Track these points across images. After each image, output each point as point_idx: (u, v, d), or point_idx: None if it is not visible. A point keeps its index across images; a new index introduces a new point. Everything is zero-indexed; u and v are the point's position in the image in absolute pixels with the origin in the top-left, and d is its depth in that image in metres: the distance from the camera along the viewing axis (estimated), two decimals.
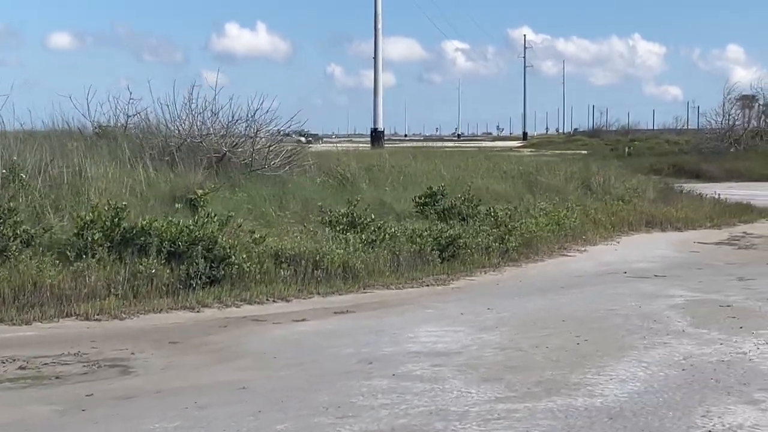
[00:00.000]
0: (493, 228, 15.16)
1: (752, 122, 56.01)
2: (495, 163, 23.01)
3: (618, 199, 21.15)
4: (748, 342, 8.59)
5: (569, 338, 8.82)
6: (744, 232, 20.21)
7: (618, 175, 23.42)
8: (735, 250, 17.24)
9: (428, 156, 24.61)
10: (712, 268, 14.48)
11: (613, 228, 19.14)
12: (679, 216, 21.07)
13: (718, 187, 36.30)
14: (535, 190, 20.86)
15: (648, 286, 12.32)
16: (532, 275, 13.69)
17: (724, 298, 11.19)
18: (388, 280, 12.43)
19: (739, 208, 24.10)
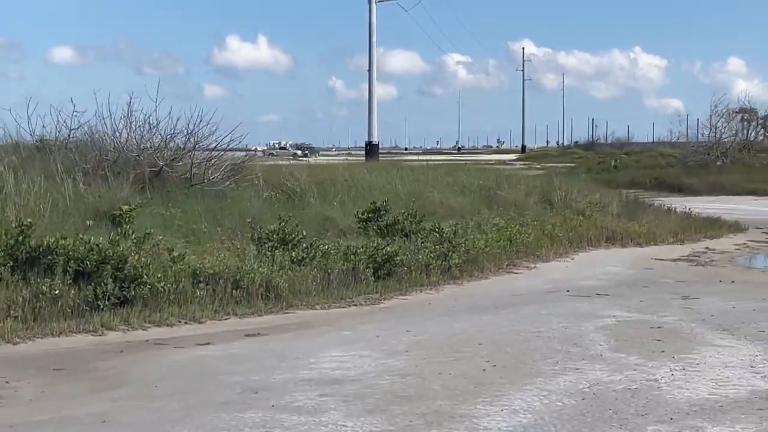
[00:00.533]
0: (437, 244, 14.77)
1: (739, 135, 55.82)
2: (456, 177, 22.63)
3: (579, 214, 20.78)
4: (664, 367, 8.23)
5: (478, 363, 8.44)
6: (707, 248, 19.85)
7: (581, 189, 23.03)
8: (691, 267, 16.88)
9: (386, 169, 24.24)
10: (660, 286, 14.11)
11: (570, 244, 18.78)
12: (641, 231, 20.73)
13: (699, 201, 36.20)
14: (494, 205, 20.49)
15: (585, 305, 11.95)
16: (470, 294, 13.31)
17: (659, 319, 10.84)
18: (314, 299, 12.04)
19: (708, 223, 23.79)
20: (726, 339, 9.63)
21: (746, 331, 10.02)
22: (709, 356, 8.75)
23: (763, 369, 8.22)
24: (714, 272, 16.11)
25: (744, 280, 15.12)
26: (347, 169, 21.57)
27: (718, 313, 11.25)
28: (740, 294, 13.15)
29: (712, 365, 8.36)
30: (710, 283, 14.72)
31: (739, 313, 11.33)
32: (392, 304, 12.42)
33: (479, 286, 14.13)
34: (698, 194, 40.34)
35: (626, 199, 24.35)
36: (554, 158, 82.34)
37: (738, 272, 16.20)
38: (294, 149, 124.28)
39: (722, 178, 44.29)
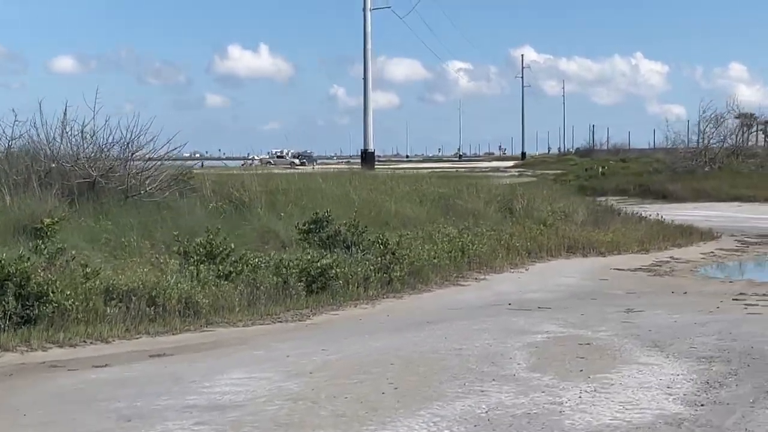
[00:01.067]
0: (379, 256, 14.36)
1: (727, 140, 55.55)
2: (417, 186, 22.22)
3: (540, 223, 20.37)
4: (575, 389, 7.82)
5: (380, 386, 8.02)
6: (671, 257, 19.49)
7: (547, 197, 22.61)
8: (649, 277, 16.49)
9: (343, 179, 23.84)
10: (608, 298, 13.72)
11: (528, 254, 18.41)
12: (605, 240, 20.37)
13: (681, 208, 35.99)
14: (451, 215, 20.08)
15: (521, 320, 11.54)
16: (406, 309, 12.91)
17: (592, 335, 10.44)
18: (237, 316, 11.64)
19: (679, 231, 23.41)
20: (653, 356, 9.22)
21: (678, 348, 9.61)
22: (627, 376, 8.33)
23: (679, 390, 7.81)
24: (670, 283, 15.72)
25: (698, 291, 14.73)
26: (302, 178, 21.14)
27: (657, 328, 10.85)
28: (687, 306, 12.77)
29: (626, 386, 7.95)
30: (662, 294, 14.33)
31: (678, 327, 10.93)
32: (321, 320, 12.01)
33: (419, 299, 13.73)
34: (682, 201, 40.12)
35: (594, 207, 23.93)
36: (551, 165, 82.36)
37: (695, 283, 15.81)
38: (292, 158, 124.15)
39: (707, 184, 43.99)
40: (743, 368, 8.64)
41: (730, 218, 30.98)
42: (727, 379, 8.22)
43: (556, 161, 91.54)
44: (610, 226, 22.41)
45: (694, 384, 8.03)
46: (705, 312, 12.19)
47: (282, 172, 22.17)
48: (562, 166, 75.19)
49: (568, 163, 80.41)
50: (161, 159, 17.35)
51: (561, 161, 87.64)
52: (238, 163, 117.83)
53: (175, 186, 16.53)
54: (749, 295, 14.03)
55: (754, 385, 7.92)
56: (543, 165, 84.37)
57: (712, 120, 55.14)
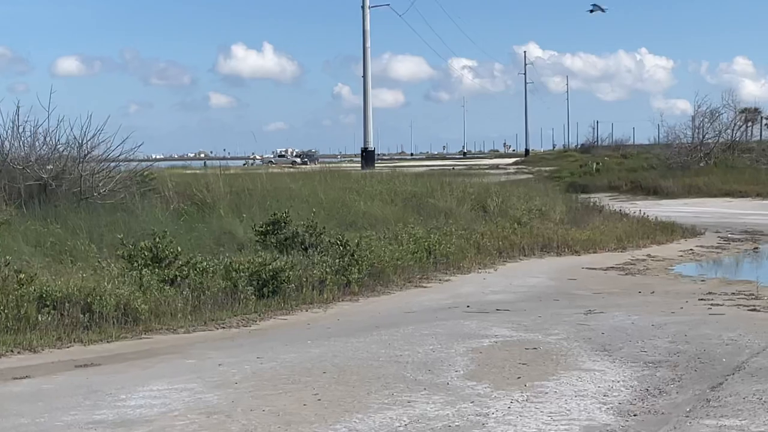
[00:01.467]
0: (337, 258, 14.00)
1: (723, 135, 55.16)
2: (390, 185, 21.83)
3: (514, 222, 20.01)
4: (506, 398, 7.48)
5: (304, 397, 7.68)
6: (648, 255, 19.14)
7: (524, 195, 22.22)
8: (620, 276, 16.15)
9: (320, 178, 23.48)
10: (571, 299, 13.37)
11: (498, 254, 18.06)
12: (582, 238, 20.01)
13: (671, 204, 35.75)
14: (423, 214, 19.73)
15: (474, 324, 11.18)
16: (360, 312, 12.56)
17: (543, 339, 10.10)
18: (179, 323, 11.28)
19: (661, 228, 23.09)
20: (599, 362, 8.88)
21: (627, 352, 9.28)
22: (566, 383, 7.99)
23: (615, 399, 7.47)
24: (640, 282, 15.37)
25: (666, 290, 14.38)
26: (270, 178, 20.76)
27: (611, 330, 10.51)
28: (650, 307, 12.41)
29: (561, 395, 7.60)
30: (628, 294, 13.98)
31: (634, 329, 10.58)
32: (268, 325, 11.67)
33: (376, 302, 13.38)
34: (674, 197, 39.88)
35: (574, 205, 23.56)
36: (551, 162, 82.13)
37: (665, 282, 15.45)
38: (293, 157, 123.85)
39: (698, 180, 43.68)
40: (689, 374, 8.30)
41: (719, 214, 30.72)
42: (669, 386, 7.88)
43: (556, 158, 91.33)
44: (589, 224, 22.06)
45: (633, 392, 7.69)
46: (667, 313, 11.84)
47: (252, 172, 21.79)
48: (561, 162, 74.91)
49: (568, 159, 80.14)
50: (117, 160, 16.96)
51: (561, 158, 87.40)
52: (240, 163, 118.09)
53: (134, 188, 16.13)
54: (718, 294, 13.70)
55: (695, 393, 7.58)
56: (543, 162, 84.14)
57: (707, 115, 54.82)
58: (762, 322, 11.06)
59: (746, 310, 12.13)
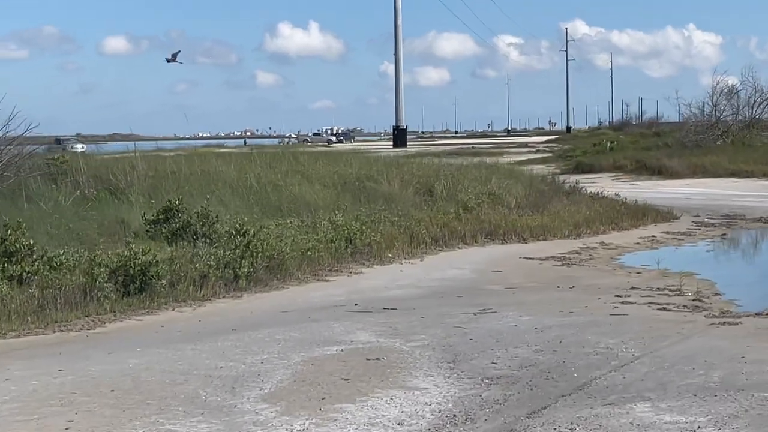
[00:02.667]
0: (228, 250, 13.01)
1: (740, 113, 53.78)
2: (336, 167, 20.73)
3: (461, 207, 18.91)
4: (282, 428, 6.47)
5: (56, 424, 6.70)
6: (601, 243, 18.03)
7: (477, 178, 21.06)
8: (553, 268, 15.06)
9: (267, 159, 22.47)
10: (474, 296, 12.33)
11: (435, 242, 17.00)
12: (533, 225, 18.87)
13: (669, 185, 34.65)
14: (363, 199, 18.68)
15: (343, 326, 10.21)
16: (233, 311, 11.58)
17: (399, 346, 9.15)
18: (12, 325, 10.31)
19: (631, 212, 21.88)
20: (433, 377, 7.88)
21: (474, 364, 8.27)
22: (369, 407, 6.98)
23: (411, 428, 6.43)
24: (569, 275, 14.29)
25: (590, 284, 13.30)
26: (201, 160, 19.72)
27: (483, 335, 9.51)
28: (554, 305, 11.36)
29: (350, 422, 6.62)
30: (544, 289, 12.91)
31: (510, 334, 9.58)
32: (115, 328, 10.68)
33: (260, 300, 12.37)
34: (678, 177, 38.71)
35: (539, 188, 22.38)
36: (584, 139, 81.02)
37: (597, 274, 14.36)
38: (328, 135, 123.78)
39: (706, 159, 42.49)
40: (521, 393, 7.27)
41: (713, 196, 29.52)
42: (485, 409, 6.86)
43: (589, 135, 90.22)
44: (550, 208, 20.92)
45: (436, 419, 6.68)
46: (565, 313, 10.79)
47: (181, 155, 20.78)
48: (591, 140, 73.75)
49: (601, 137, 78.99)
50: (20, 141, 15.94)
51: (594, 135, 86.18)
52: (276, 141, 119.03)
53: (37, 171, 15.19)
54: (642, 289, 12.65)
55: (507, 420, 6.54)
56: (576, 140, 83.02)
57: (724, 92, 53.53)
58: (659, 324, 10.00)
59: (656, 309, 11.08)
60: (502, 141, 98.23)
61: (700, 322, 10.28)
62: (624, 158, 47.08)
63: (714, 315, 10.65)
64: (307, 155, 24.50)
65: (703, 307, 11.21)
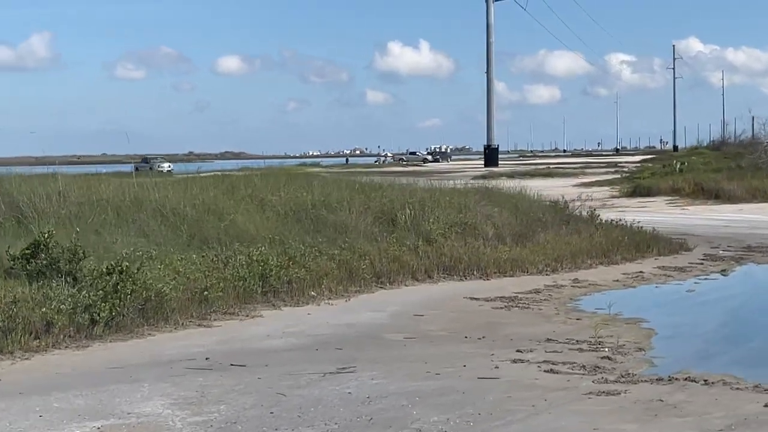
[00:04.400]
0: (92, 291, 11.60)
1: None
2: (288, 194, 19.12)
3: (422, 238, 17.23)
4: None
5: None
6: (574, 280, 16.37)
7: (450, 204, 19.24)
8: (488, 311, 13.46)
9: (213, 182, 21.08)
10: (356, 348, 10.79)
11: (377, 279, 15.40)
12: (503, 258, 17.14)
13: (719, 210, 32.95)
14: (312, 228, 17.13)
15: (145, 390, 8.75)
16: (49, 366, 10.12)
17: (174, 423, 7.53)
18: None
19: (635, 243, 20.00)
20: None
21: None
22: None
23: None
24: (499, 320, 12.69)
25: (507, 333, 11.73)
26: (140, 186, 18.33)
27: (293, 407, 8.12)
28: (425, 365, 9.80)
29: None
30: (445, 341, 11.34)
31: (328, 406, 8.15)
32: None
33: (102, 351, 10.97)
34: (735, 201, 37.25)
35: (527, 216, 20.50)
36: (680, 158, 79.12)
37: (532, 320, 12.73)
38: (423, 155, 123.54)
39: (765, 182, 40.36)
40: None
41: (756, 223, 27.61)
42: None
43: (686, 155, 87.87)
44: (537, 239, 19.15)
45: None
46: (431, 374, 9.26)
47: (138, 180, 19.41)
48: (686, 159, 71.69)
49: (699, 156, 76.69)
50: None
51: (691, 155, 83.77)
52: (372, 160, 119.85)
53: None
54: (560, 341, 10.95)
55: None
56: (666, 160, 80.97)
57: None
58: (523, 394, 8.46)
59: (543, 371, 9.42)
60: (592, 161, 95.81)
61: (579, 390, 8.58)
62: (683, 181, 45.11)
63: (605, 380, 8.93)
64: (289, 177, 23.02)
65: (604, 369, 9.48)
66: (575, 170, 69.96)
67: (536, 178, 58.86)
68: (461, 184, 25.50)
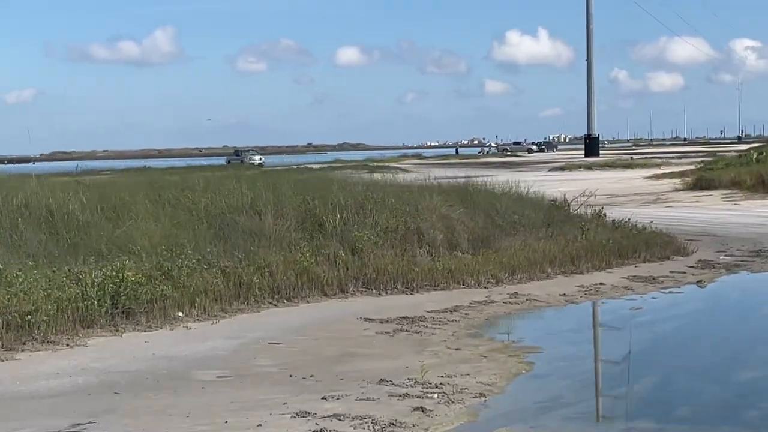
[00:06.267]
0: None
1: None
2: (224, 195, 17.16)
3: (348, 246, 15.16)
4: None
5: None
6: (514, 294, 14.31)
7: (393, 208, 16.94)
8: (365, 337, 11.42)
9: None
10: (133, 394, 8.76)
11: (274, 294, 13.50)
12: (440, 269, 15.06)
13: None
14: (223, 236, 15.20)
15: None
16: None
17: None
18: None
19: (622, 247, 17.75)
20: None
21: None
22: None
23: None
24: (357, 351, 10.60)
25: (344, 371, 9.56)
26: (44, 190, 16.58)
27: None
28: (178, 422, 7.73)
29: None
30: (261, 382, 9.33)
31: None
32: None
33: None
34: None
35: (500, 218, 18.20)
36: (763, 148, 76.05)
37: (397, 351, 10.70)
38: (529, 144, 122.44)
39: None
40: None
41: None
42: None
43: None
44: (500, 245, 16.97)
45: None
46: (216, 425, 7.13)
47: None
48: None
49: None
50: None
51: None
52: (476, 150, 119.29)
53: None
54: (394, 383, 8.83)
55: None
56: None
57: None
58: None
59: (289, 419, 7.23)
60: (698, 150, 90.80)
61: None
62: (746, 173, 42.43)
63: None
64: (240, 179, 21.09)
65: (402, 425, 7.35)
66: (659, 161, 66.44)
67: (613, 169, 56.37)
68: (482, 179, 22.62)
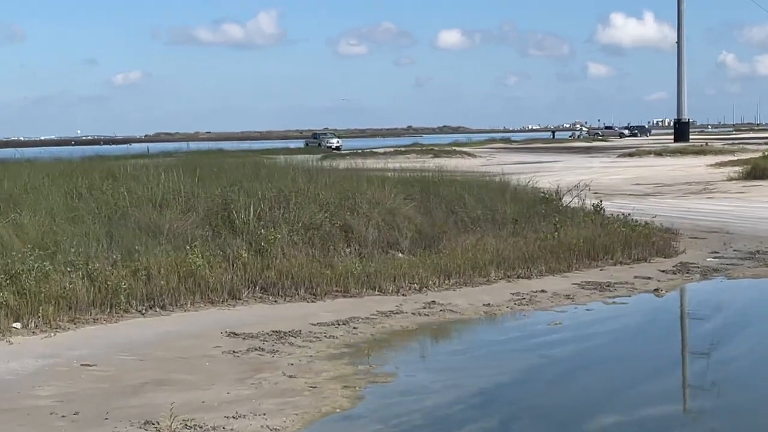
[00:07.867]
0: None
1: None
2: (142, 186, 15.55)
3: (254, 246, 13.47)
4: None
5: None
6: (431, 302, 12.96)
7: (319, 201, 15.14)
8: (200, 359, 9.79)
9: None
10: None
11: (144, 302, 11.94)
12: (358, 272, 13.39)
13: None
14: (116, 233, 13.60)
15: None
16: None
17: None
18: None
19: (599, 247, 16.03)
20: None
21: None
22: None
23: None
24: (169, 377, 9.07)
25: (120, 407, 8.03)
26: None
27: None
28: None
29: None
30: (27, 422, 7.57)
31: None
32: None
33: None
34: None
35: (448, 215, 16.30)
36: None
37: (212, 380, 9.07)
38: (621, 129, 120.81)
39: None
40: None
41: None
42: None
43: None
44: (449, 244, 15.18)
45: None
46: None
47: None
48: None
49: None
50: None
51: None
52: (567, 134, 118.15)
53: None
54: (153, 425, 7.06)
55: None
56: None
57: None
58: None
59: None
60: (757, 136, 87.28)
61: None
62: None
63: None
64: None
65: None
66: (734, 148, 63.24)
67: (684, 156, 54.08)
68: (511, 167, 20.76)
